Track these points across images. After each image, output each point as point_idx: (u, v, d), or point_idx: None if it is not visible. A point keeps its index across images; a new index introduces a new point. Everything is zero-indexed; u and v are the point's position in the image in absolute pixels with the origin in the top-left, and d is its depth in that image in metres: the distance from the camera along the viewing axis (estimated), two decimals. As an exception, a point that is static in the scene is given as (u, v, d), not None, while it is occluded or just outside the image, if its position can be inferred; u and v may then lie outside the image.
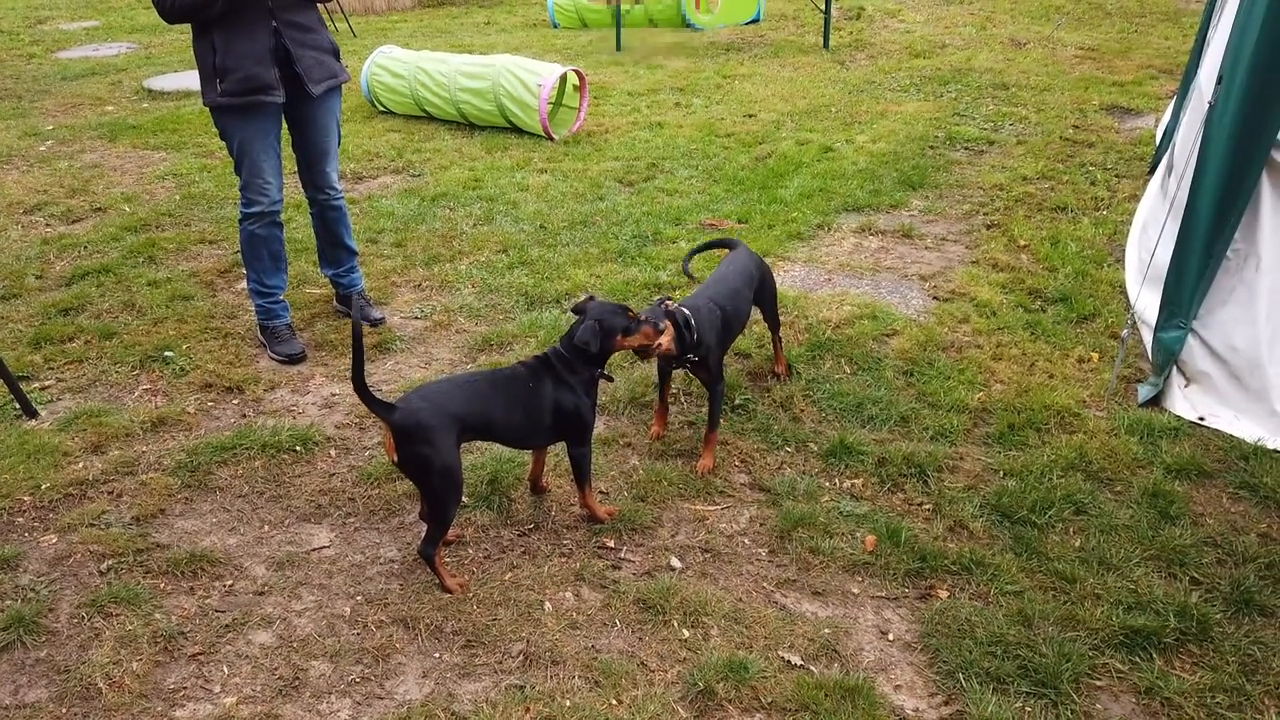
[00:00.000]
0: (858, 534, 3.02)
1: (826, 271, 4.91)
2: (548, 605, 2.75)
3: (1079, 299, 4.42)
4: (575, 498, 3.18)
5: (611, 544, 3.00)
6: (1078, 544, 2.95)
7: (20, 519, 3.10)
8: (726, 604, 2.74)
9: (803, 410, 3.68)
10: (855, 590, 2.82)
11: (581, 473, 3.02)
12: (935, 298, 4.57)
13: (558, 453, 3.40)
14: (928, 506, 3.16)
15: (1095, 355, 3.99)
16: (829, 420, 3.62)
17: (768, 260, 4.97)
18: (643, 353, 3.10)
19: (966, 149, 6.86)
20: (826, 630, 2.66)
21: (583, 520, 3.10)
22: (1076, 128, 7.16)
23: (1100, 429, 3.49)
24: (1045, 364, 3.93)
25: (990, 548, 2.94)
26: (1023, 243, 5.12)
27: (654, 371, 3.49)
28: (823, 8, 10.57)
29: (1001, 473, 3.29)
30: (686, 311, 3.17)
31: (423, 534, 2.83)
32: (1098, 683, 2.47)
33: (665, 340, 3.07)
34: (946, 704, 2.42)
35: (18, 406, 3.64)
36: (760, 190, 6.05)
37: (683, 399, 3.80)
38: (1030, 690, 2.43)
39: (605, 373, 3.03)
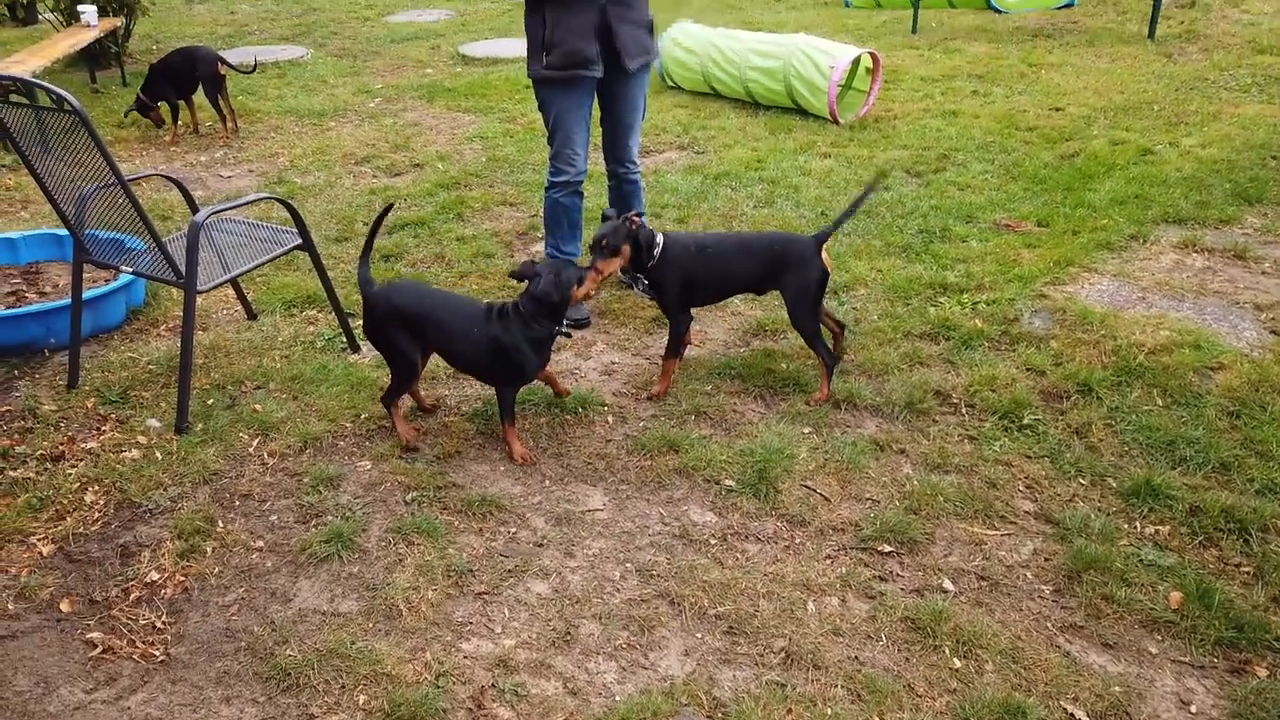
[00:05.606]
0: (1160, 587, 2.74)
1: (1140, 289, 4.46)
2: (811, 606, 2.72)
3: None
4: (842, 499, 3.12)
5: (886, 548, 2.91)
6: None
7: (342, 443, 3.48)
8: (1003, 639, 2.58)
9: (1102, 440, 3.38)
10: (1153, 650, 2.56)
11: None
12: (1274, 331, 4.02)
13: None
14: (1247, 569, 2.80)
15: None
16: (1133, 455, 3.30)
17: (1071, 269, 4.61)
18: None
19: (1321, 161, 5.97)
20: (1117, 688, 2.44)
21: (849, 524, 3.03)
22: None
23: None
24: None
25: (1327, 631, 2.57)
26: (1390, 278, 4.39)
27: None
28: (1152, -8, 9.55)
29: (1347, 546, 2.86)
30: (653, 231, 3.50)
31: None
32: None
33: (613, 266, 3.45)
34: (1260, 800, 2.15)
35: (344, 341, 4.08)
36: (1065, 192, 5.59)
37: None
38: (1370, 806, 2.10)
39: (563, 329, 3.33)
